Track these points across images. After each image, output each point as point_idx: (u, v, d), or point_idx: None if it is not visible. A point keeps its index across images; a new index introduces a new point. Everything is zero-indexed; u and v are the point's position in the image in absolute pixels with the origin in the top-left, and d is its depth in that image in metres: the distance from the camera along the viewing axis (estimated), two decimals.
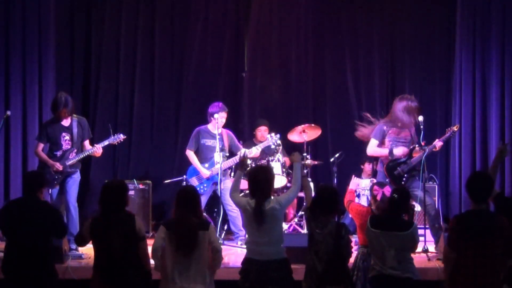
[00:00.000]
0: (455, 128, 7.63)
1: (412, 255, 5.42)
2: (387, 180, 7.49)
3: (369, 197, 7.88)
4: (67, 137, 7.51)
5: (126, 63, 9.64)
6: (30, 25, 8.89)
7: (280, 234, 5.39)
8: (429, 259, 7.07)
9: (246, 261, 5.38)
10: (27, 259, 5.34)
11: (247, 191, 5.64)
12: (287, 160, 8.39)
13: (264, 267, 5.23)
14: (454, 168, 9.09)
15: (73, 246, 7.29)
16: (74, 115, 7.59)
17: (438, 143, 7.49)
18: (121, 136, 7.76)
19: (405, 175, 7.48)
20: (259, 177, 5.37)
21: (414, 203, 7.26)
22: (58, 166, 7.40)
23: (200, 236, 5.16)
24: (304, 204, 5.88)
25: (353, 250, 5.42)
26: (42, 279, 5.40)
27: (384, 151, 7.57)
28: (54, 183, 7.45)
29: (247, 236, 5.50)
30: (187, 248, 5.12)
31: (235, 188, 5.59)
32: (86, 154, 7.56)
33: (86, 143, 7.65)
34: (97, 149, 7.55)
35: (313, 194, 5.65)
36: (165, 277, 5.21)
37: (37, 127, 8.84)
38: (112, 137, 7.71)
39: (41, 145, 7.57)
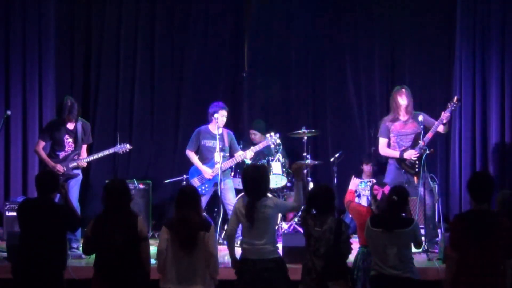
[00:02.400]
0: (455, 101, 7.58)
1: (412, 255, 5.41)
2: (403, 171, 7.52)
3: (369, 197, 7.93)
4: (70, 140, 7.53)
5: (126, 62, 9.63)
6: (30, 25, 8.91)
7: (273, 233, 5.37)
8: (429, 259, 7.07)
9: (241, 261, 5.38)
10: (39, 261, 5.33)
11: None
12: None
13: (258, 267, 5.23)
14: (454, 168, 9.09)
15: (74, 245, 7.30)
16: (79, 118, 7.59)
17: (445, 115, 7.44)
18: (127, 146, 7.79)
19: (416, 163, 7.50)
20: (253, 175, 5.36)
21: None
22: (59, 168, 7.39)
23: (201, 236, 5.16)
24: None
25: (352, 246, 5.43)
26: (51, 283, 5.40)
27: (395, 154, 7.61)
28: None
29: (241, 235, 5.50)
30: (188, 247, 5.11)
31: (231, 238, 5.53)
32: (86, 160, 7.57)
33: (84, 148, 7.66)
34: (83, 163, 7.55)
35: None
36: (165, 277, 5.21)
37: (37, 127, 8.85)
38: (118, 146, 7.75)
39: (42, 143, 7.58)
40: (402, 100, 7.66)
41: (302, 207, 5.66)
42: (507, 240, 4.69)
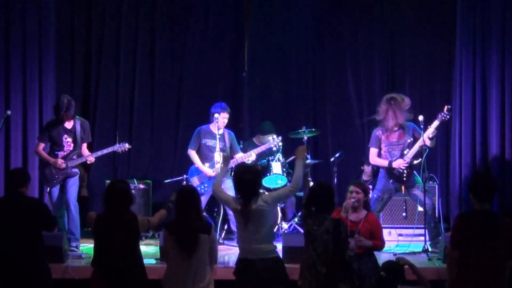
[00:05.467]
0: (445, 110, 7.56)
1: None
2: (390, 181, 7.51)
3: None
4: (69, 139, 7.54)
5: (126, 62, 9.63)
6: (31, 25, 8.88)
7: (270, 231, 5.37)
8: (429, 259, 7.06)
9: (239, 261, 5.37)
10: (18, 257, 5.31)
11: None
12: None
13: (257, 267, 5.22)
14: (454, 168, 9.07)
15: (73, 244, 7.31)
16: (77, 117, 7.59)
17: (427, 140, 7.46)
18: (126, 145, 7.81)
19: (404, 173, 7.51)
20: (245, 177, 5.33)
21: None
22: (61, 162, 7.41)
23: (202, 239, 5.14)
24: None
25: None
26: (34, 278, 5.37)
27: (384, 163, 7.60)
28: (54, 182, 7.48)
29: (237, 235, 5.49)
30: (189, 250, 5.10)
31: (217, 185, 5.61)
32: (84, 160, 7.58)
33: (84, 146, 7.66)
34: (91, 158, 7.57)
35: None
36: (165, 278, 5.21)
37: (37, 127, 8.84)
38: (117, 145, 7.77)
39: (42, 145, 7.59)
40: (400, 118, 7.59)
41: (302, 197, 5.66)
42: (508, 240, 4.69)
